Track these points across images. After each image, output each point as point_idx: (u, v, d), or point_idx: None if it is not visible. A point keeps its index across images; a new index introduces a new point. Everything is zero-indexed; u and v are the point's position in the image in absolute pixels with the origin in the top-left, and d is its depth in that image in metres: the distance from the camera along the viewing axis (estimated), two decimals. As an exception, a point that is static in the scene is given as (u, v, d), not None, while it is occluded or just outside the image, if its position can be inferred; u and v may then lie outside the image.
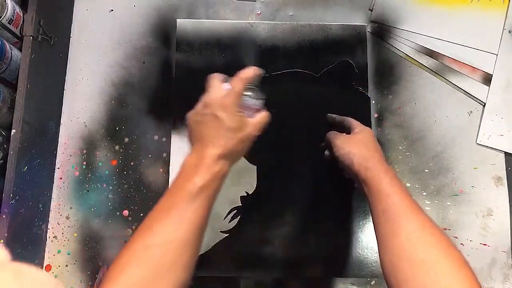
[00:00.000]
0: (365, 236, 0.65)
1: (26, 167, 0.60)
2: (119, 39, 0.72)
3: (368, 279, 0.65)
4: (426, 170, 0.68)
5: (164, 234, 0.43)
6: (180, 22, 0.72)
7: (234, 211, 0.65)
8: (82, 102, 0.70)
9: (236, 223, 0.65)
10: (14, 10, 0.61)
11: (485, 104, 0.70)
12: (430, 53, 0.72)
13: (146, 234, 0.44)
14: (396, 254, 0.44)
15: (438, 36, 0.72)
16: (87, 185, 0.67)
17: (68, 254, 0.65)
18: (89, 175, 0.68)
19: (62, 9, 0.72)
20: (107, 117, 0.70)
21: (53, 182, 0.67)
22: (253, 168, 0.67)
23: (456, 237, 0.66)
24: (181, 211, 0.44)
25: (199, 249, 0.46)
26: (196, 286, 0.58)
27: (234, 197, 0.66)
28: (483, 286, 0.64)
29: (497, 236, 0.66)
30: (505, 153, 0.68)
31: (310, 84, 0.70)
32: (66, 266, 0.65)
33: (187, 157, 0.48)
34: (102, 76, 0.71)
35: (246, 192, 0.66)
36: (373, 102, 0.70)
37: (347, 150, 0.55)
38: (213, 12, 0.74)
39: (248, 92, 0.51)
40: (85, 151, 0.69)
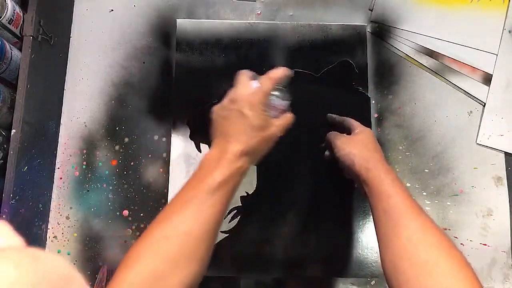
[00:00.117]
0: (365, 236, 0.65)
1: (26, 167, 0.60)
2: (119, 39, 0.72)
3: (368, 279, 0.65)
4: (426, 170, 0.68)
5: (182, 225, 0.43)
6: (180, 22, 0.72)
7: (234, 211, 0.65)
8: (82, 102, 0.70)
9: (236, 223, 0.65)
10: (14, 10, 0.61)
11: (485, 104, 0.70)
12: (430, 53, 0.72)
13: (164, 224, 0.44)
14: (398, 254, 0.44)
15: (438, 36, 0.72)
16: (87, 185, 0.67)
17: (68, 254, 0.65)
18: (89, 175, 0.68)
19: (62, 9, 0.72)
20: (107, 117, 0.70)
21: (53, 182, 0.67)
22: (253, 168, 0.67)
23: (456, 237, 0.66)
24: (200, 204, 0.44)
25: (213, 244, 0.46)
26: (196, 286, 0.58)
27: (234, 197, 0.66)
28: (483, 287, 0.64)
29: (497, 236, 0.66)
30: (505, 153, 0.68)
31: (310, 84, 0.70)
32: (66, 266, 0.65)
33: (209, 151, 0.48)
34: (102, 76, 0.71)
35: (246, 192, 0.66)
36: (373, 102, 0.70)
37: (347, 150, 0.55)
38: (213, 12, 0.74)
39: (275, 92, 0.51)
40: (85, 151, 0.69)
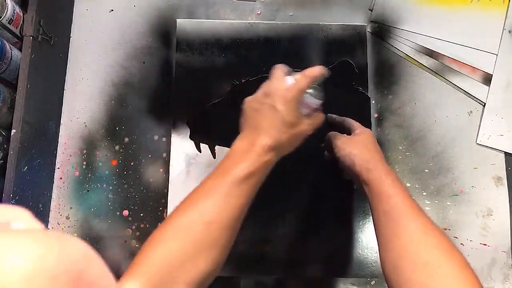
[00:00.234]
0: (365, 236, 0.65)
1: (26, 167, 0.60)
2: (119, 39, 0.72)
3: (368, 279, 0.65)
4: (426, 170, 0.68)
5: (207, 213, 0.43)
6: (180, 22, 0.72)
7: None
8: (82, 102, 0.70)
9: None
10: (14, 10, 0.61)
11: (485, 104, 0.70)
12: (430, 53, 0.72)
13: (189, 210, 0.44)
14: (398, 255, 0.44)
15: (438, 36, 0.72)
16: (87, 185, 0.67)
17: (68, 254, 0.65)
18: (89, 175, 0.68)
19: (62, 9, 0.72)
20: (107, 117, 0.70)
21: (53, 182, 0.67)
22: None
23: (456, 237, 0.66)
24: (225, 194, 0.44)
25: (236, 234, 0.46)
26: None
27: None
28: (483, 287, 0.65)
29: (497, 236, 0.66)
30: (505, 153, 0.68)
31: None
32: (66, 266, 0.65)
33: (237, 142, 0.48)
34: (102, 76, 0.71)
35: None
36: (373, 102, 0.70)
37: (347, 151, 0.55)
38: (213, 12, 0.74)
39: (310, 89, 0.51)
40: (85, 151, 0.69)
